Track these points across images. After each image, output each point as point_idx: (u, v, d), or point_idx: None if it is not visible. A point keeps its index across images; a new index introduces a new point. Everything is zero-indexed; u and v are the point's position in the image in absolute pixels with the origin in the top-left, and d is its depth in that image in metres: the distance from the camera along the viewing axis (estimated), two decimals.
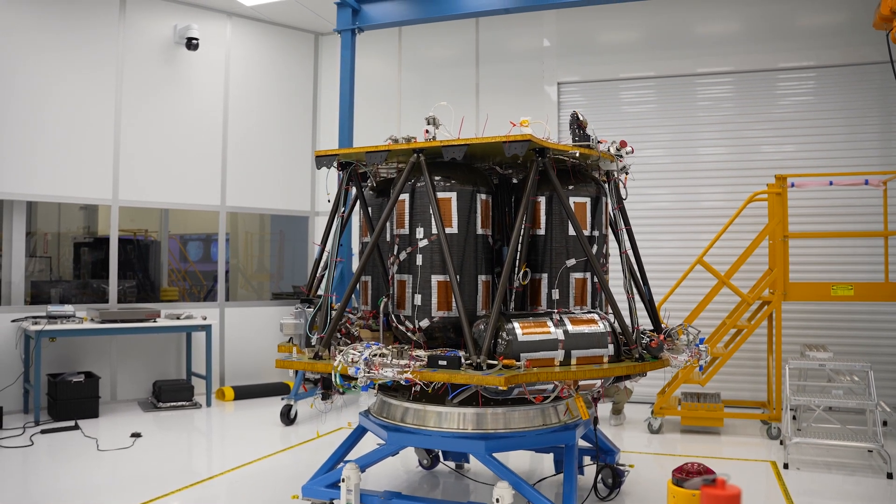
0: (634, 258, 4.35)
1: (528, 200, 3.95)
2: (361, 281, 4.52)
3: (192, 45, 8.11)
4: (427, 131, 4.19)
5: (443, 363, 3.57)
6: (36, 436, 6.18)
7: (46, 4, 7.39)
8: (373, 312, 4.37)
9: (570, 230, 4.10)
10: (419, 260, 4.00)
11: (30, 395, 7.00)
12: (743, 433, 6.44)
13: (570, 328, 3.76)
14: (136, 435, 6.20)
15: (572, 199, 4.16)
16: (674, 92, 8.02)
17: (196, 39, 8.12)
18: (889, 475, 5.09)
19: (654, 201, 7.91)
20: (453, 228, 4.01)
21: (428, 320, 3.97)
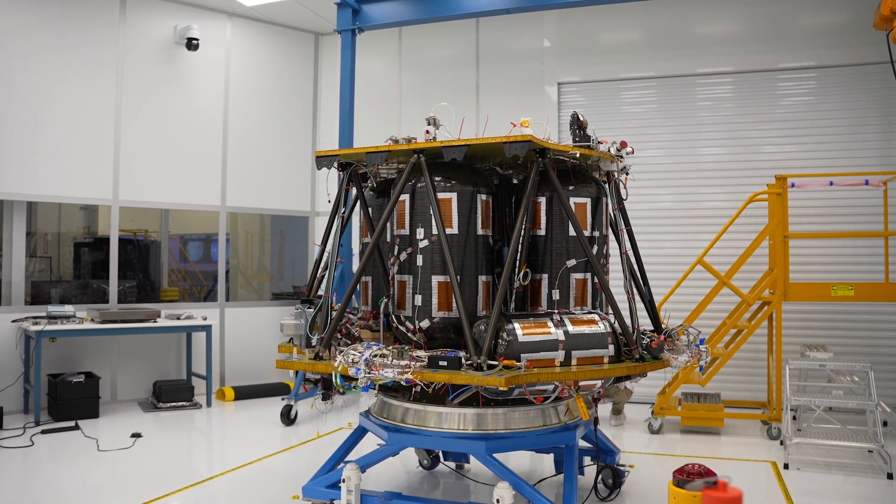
0: (635, 258, 4.35)
1: (529, 201, 3.94)
2: (362, 281, 4.52)
3: (192, 45, 8.11)
4: (427, 132, 4.19)
5: (443, 364, 3.57)
6: (36, 436, 6.18)
7: (46, 4, 7.39)
8: (373, 313, 4.37)
9: (570, 230, 4.10)
10: (419, 260, 4.00)
11: (30, 396, 7.00)
12: (743, 433, 6.44)
13: (571, 329, 3.76)
14: (136, 435, 6.21)
15: (573, 200, 4.16)
16: (674, 92, 8.02)
17: (196, 40, 8.12)
18: (889, 475, 5.09)
19: (654, 202, 7.91)
20: (454, 229, 4.00)
21: (428, 321, 3.96)
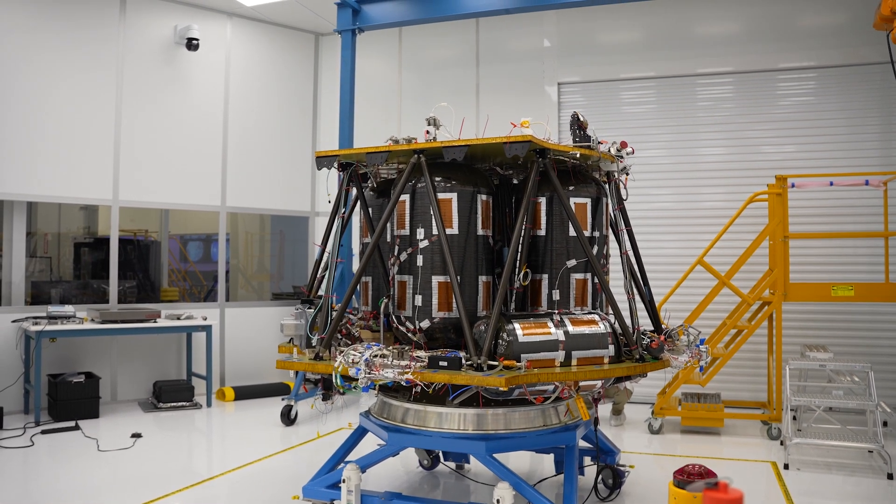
0: (635, 259, 4.35)
1: (529, 201, 3.94)
2: (362, 282, 4.52)
3: (192, 45, 8.10)
4: (427, 132, 4.19)
5: (443, 364, 3.57)
6: (36, 436, 6.18)
7: (46, 5, 7.38)
8: (373, 313, 4.37)
9: (570, 231, 4.10)
10: (420, 261, 3.99)
11: (30, 396, 7.00)
12: (743, 434, 6.44)
13: (571, 329, 3.76)
14: (136, 435, 6.21)
15: (573, 200, 4.16)
16: (674, 92, 8.02)
17: (196, 40, 8.12)
18: (889, 476, 5.09)
19: (654, 202, 7.91)
20: (454, 229, 4.00)
21: (428, 321, 3.96)
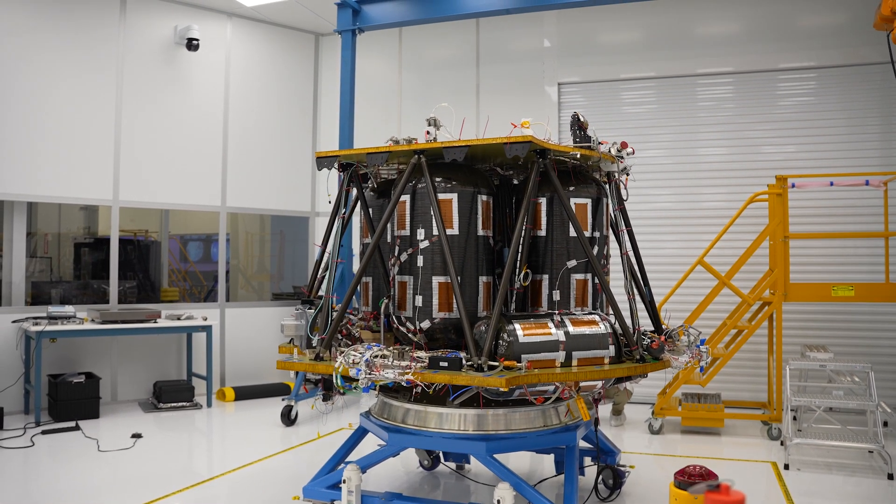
0: (635, 259, 4.35)
1: (529, 201, 3.95)
2: (362, 282, 4.52)
3: (192, 45, 8.10)
4: (428, 132, 4.18)
5: (444, 364, 3.57)
6: (37, 436, 6.18)
7: (46, 4, 7.38)
8: (374, 314, 4.37)
9: (570, 231, 4.10)
10: (420, 261, 4.00)
11: (30, 396, 7.00)
12: (743, 434, 6.44)
13: (571, 329, 3.76)
14: (136, 435, 6.21)
15: (573, 201, 4.16)
16: (674, 92, 8.02)
17: (196, 40, 8.12)
18: (890, 476, 5.09)
19: (654, 202, 7.91)
20: (454, 229, 4.00)
21: (429, 321, 3.96)
